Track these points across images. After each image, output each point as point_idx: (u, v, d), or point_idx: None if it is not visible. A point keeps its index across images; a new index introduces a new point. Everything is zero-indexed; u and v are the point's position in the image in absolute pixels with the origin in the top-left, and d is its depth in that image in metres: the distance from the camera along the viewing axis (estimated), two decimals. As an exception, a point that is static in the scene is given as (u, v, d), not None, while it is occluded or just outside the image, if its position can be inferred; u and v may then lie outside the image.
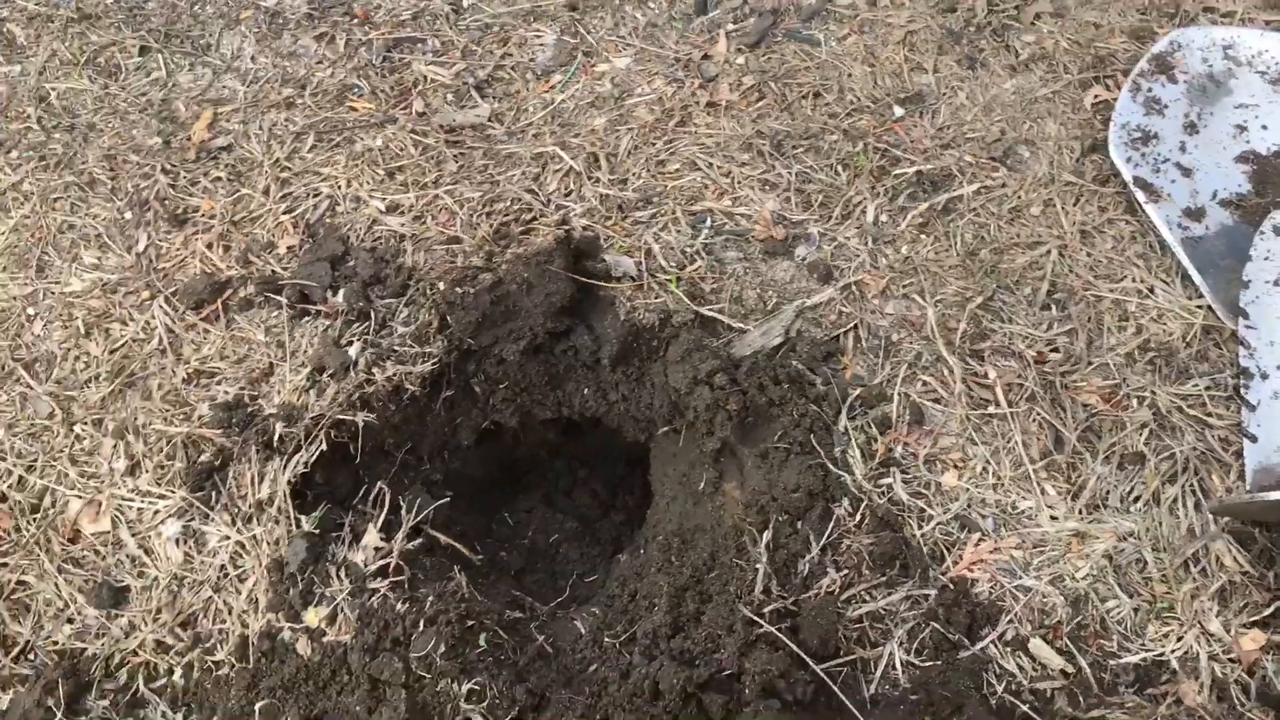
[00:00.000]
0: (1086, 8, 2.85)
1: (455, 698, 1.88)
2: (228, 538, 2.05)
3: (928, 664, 1.93)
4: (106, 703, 1.94)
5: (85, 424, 2.20)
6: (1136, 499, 2.09)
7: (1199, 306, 2.28)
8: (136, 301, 2.35)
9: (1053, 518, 2.07)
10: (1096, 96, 2.64)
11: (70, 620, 2.02)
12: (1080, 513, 2.07)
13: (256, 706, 1.90)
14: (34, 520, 2.10)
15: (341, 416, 2.13)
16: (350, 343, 2.22)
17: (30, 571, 2.06)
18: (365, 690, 1.88)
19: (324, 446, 2.10)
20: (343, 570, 2.02)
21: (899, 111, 2.63)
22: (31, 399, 2.24)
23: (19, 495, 2.13)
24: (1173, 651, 1.94)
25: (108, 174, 2.58)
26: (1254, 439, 2.11)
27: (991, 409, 2.18)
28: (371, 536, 2.06)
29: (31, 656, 1.99)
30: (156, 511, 2.09)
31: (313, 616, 1.98)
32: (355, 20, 2.90)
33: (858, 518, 2.04)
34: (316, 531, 2.05)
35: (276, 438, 2.09)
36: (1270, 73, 2.59)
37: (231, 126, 2.66)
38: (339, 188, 2.50)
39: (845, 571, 1.99)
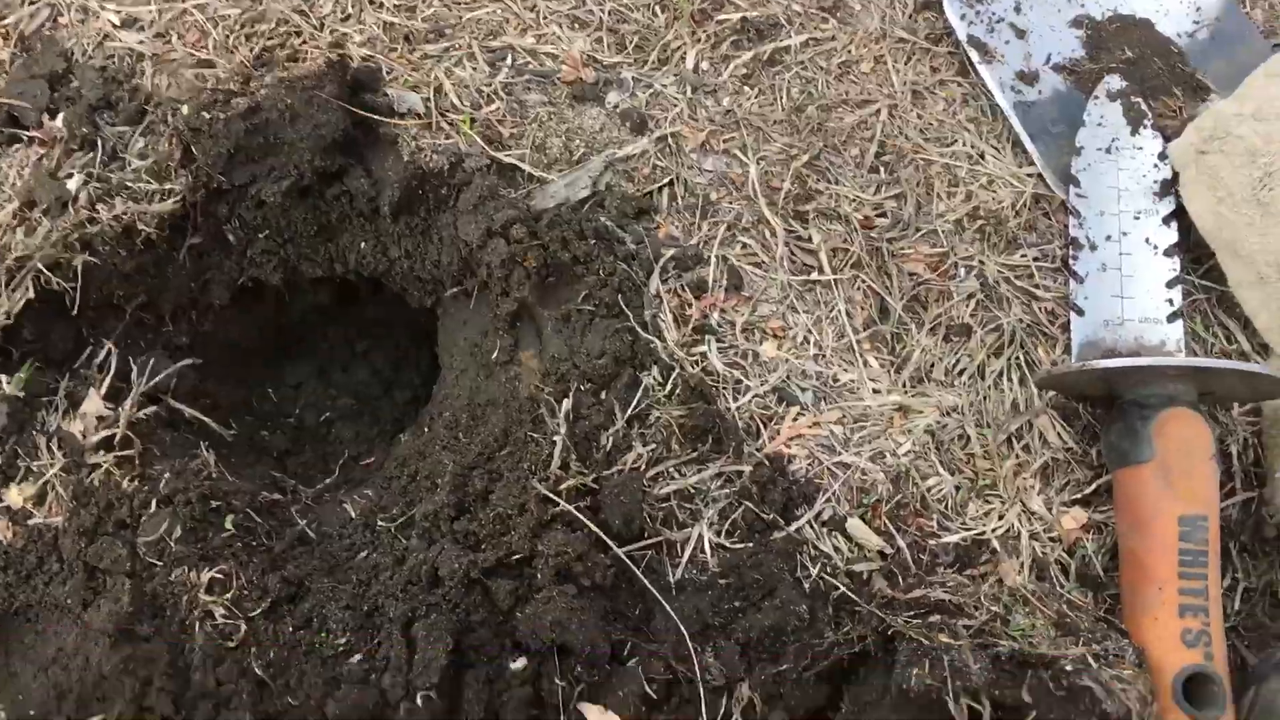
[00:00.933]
0: None
1: (194, 587, 1.59)
2: (-94, 401, 1.67)
3: (739, 546, 1.75)
4: None
5: None
6: (961, 372, 1.96)
7: (1029, 174, 2.15)
8: None
9: (875, 391, 1.91)
10: (931, -48, 2.47)
11: None
12: (904, 386, 1.92)
13: (-58, 601, 1.56)
14: None
15: (57, 258, 1.75)
16: (70, 175, 1.83)
17: None
18: (80, 580, 1.57)
19: (31, 293, 1.73)
20: (55, 441, 1.68)
21: (723, -46, 2.38)
22: None
23: None
24: (994, 530, 1.83)
25: None
26: (1081, 312, 2.01)
27: (815, 275, 2.00)
28: (93, 403, 1.72)
29: None
30: None
31: (16, 495, 1.64)
32: None
33: (668, 388, 1.83)
34: (21, 395, 1.69)
35: (-28, 282, 1.71)
36: (1105, -61, 2.47)
37: (-73, -85, 2.17)
38: (63, -5, 2.07)
39: (653, 446, 1.78)
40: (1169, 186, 2.07)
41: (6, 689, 1.54)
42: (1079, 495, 1.89)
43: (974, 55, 2.24)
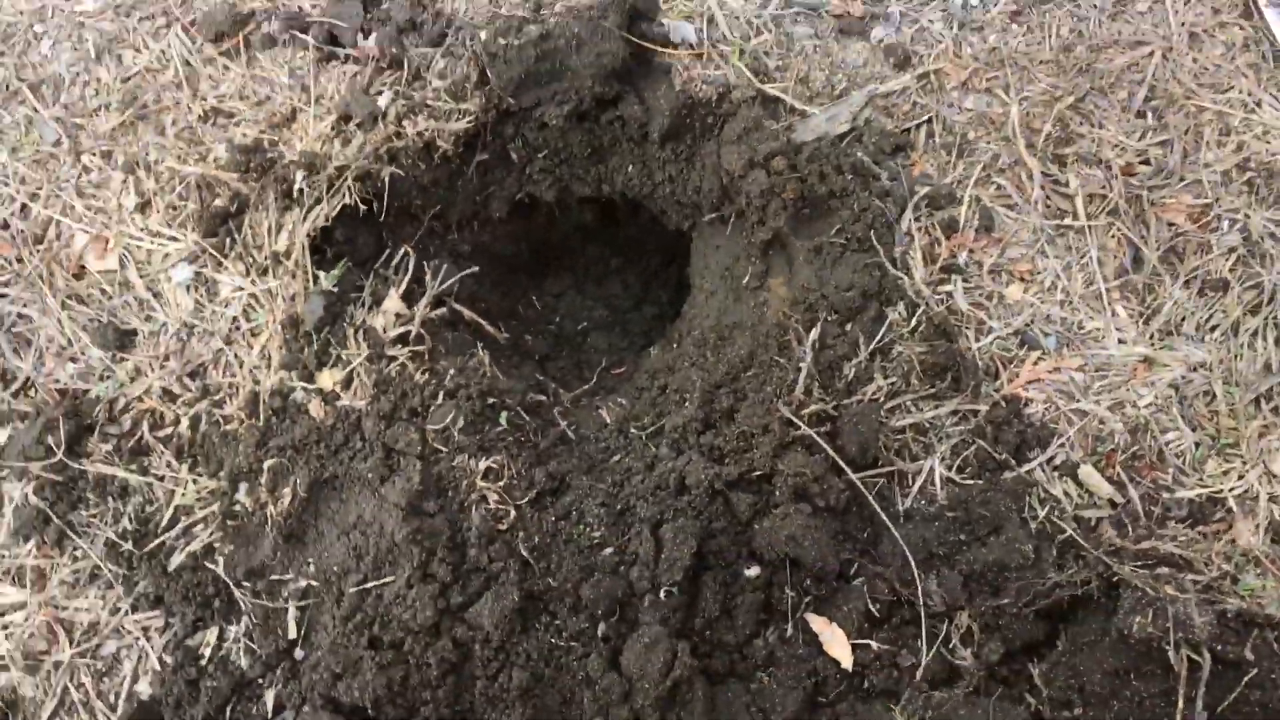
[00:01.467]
0: None
1: (472, 474, 1.79)
2: (241, 289, 1.93)
3: (969, 482, 1.83)
4: (109, 447, 1.86)
5: (94, 155, 2.05)
6: (1214, 328, 1.94)
7: (1310, 127, 2.07)
8: (151, 28, 2.16)
9: (1121, 341, 1.92)
10: (1224, -118, 2.35)
11: (73, 359, 1.93)
12: (1151, 338, 1.92)
13: (265, 464, 1.82)
14: (37, 252, 1.98)
15: (368, 169, 1.97)
16: (380, 92, 2.04)
17: (33, 305, 1.95)
18: (379, 458, 1.80)
19: (346, 200, 1.95)
20: (361, 334, 1.91)
21: (1000, -117, 2.34)
22: (37, 123, 2.08)
23: (22, 224, 2.00)
24: (1231, 489, 1.83)
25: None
26: (1352, 273, 1.94)
27: (1069, 220, 2.00)
28: (393, 302, 1.94)
29: (32, 393, 1.90)
30: (167, 254, 1.97)
31: (327, 378, 1.88)
32: None
33: (912, 324, 1.90)
34: (334, 290, 1.93)
35: (297, 187, 1.93)
36: None
37: None
38: (376, -80, 2.26)
39: (893, 379, 1.87)
40: None
41: (315, 546, 1.79)
42: (1327, 462, 1.86)
43: (1262, -2, 2.14)
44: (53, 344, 1.92)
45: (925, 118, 2.08)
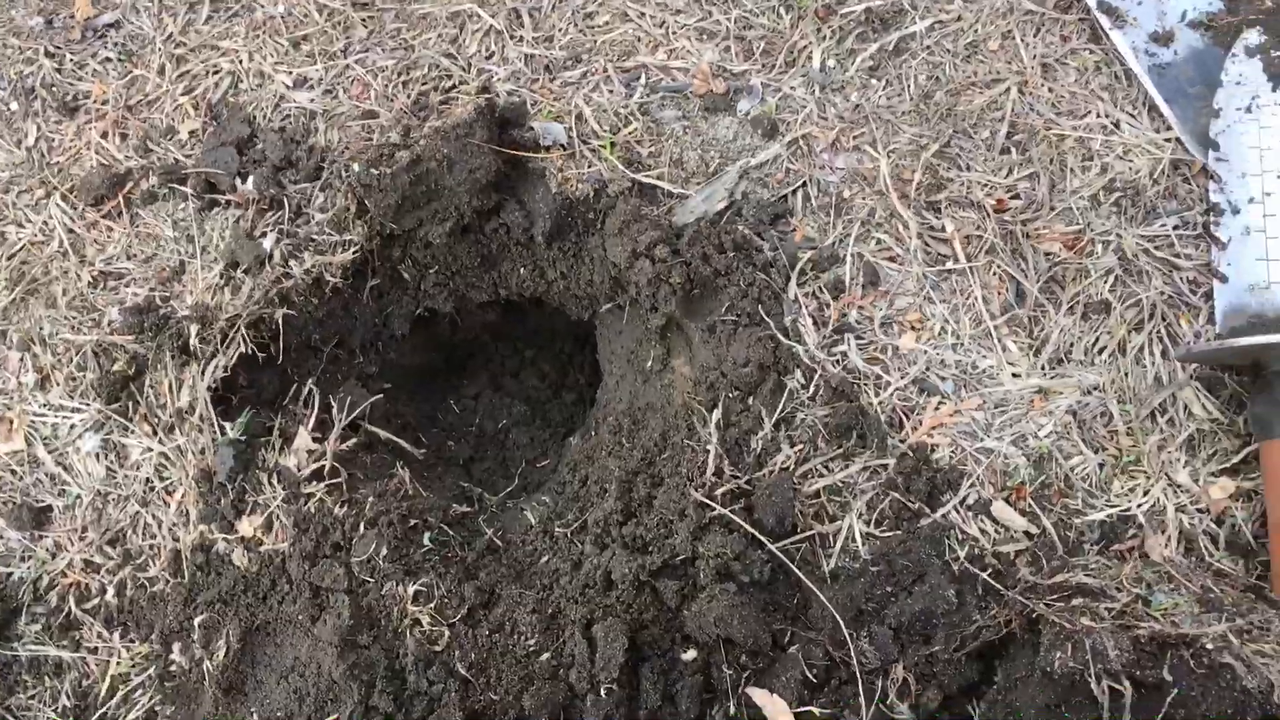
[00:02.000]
0: None
1: (402, 600, 1.81)
2: (150, 449, 1.95)
3: (888, 534, 1.87)
4: (39, 627, 1.87)
5: (-12, 338, 2.06)
6: (1101, 350, 2.00)
7: (1167, 140, 2.14)
8: (31, 200, 2.18)
9: (1015, 375, 1.98)
10: (1056, -86, 2.44)
11: (-8, 546, 1.93)
12: (1043, 368, 1.98)
13: (195, 621, 1.84)
14: (-58, 444, 1.99)
15: (261, 314, 1.99)
16: (264, 234, 2.07)
17: (-56, 497, 1.96)
18: (307, 599, 1.81)
19: (243, 347, 1.98)
20: (275, 476, 1.93)
21: (844, -57, 2.42)
22: (-73, 314, 2.10)
23: (-78, 417, 2.01)
24: (1139, 505, 1.88)
25: (-12, 61, 2.38)
26: (1224, 278, 2.02)
27: (950, 264, 2.06)
28: (303, 439, 1.96)
29: (-46, 586, 1.91)
30: (72, 426, 1.98)
31: (247, 526, 1.90)
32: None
33: (811, 389, 1.95)
34: (243, 438, 1.94)
35: (192, 341, 1.96)
36: (1243, -122, 2.39)
37: (118, 0, 2.43)
38: (240, 62, 2.29)
39: (800, 446, 1.91)
40: (1314, 144, 2.04)
41: (255, 694, 1.80)
42: (1226, 465, 1.92)
43: (1105, 21, 2.23)
44: (-33, 534, 1.93)
45: (800, 183, 2.14)
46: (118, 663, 1.84)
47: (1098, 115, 2.19)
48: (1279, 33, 2.16)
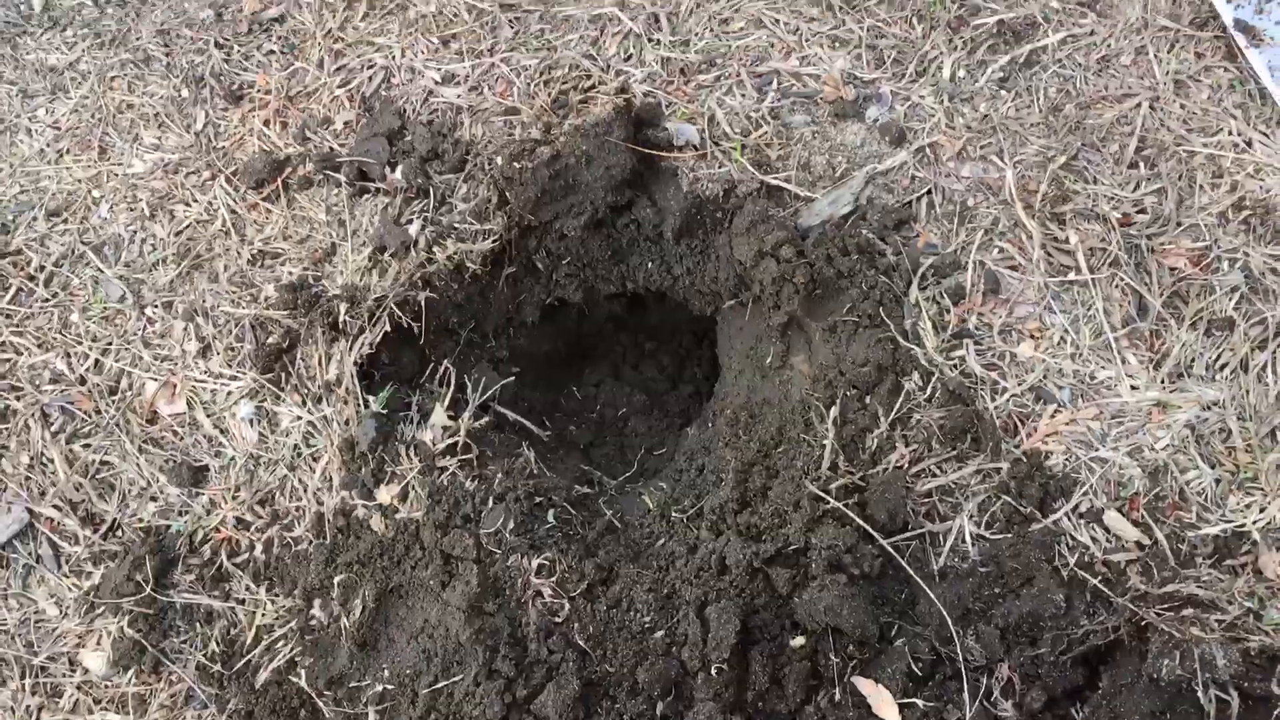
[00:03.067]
0: None
1: (526, 572, 1.91)
2: (299, 418, 2.08)
3: (998, 537, 1.91)
4: (193, 577, 2.01)
5: (156, 307, 2.23)
6: (1223, 366, 2.01)
7: (1300, 160, 2.14)
8: (198, 182, 2.35)
9: (1133, 387, 2.00)
10: (1196, -69, 2.44)
11: (154, 499, 2.09)
12: (1162, 382, 2.00)
13: (335, 580, 1.96)
14: (113, 402, 2.15)
15: (405, 295, 2.12)
16: (410, 221, 2.19)
17: (113, 452, 2.12)
18: (438, 565, 1.92)
19: (388, 327, 2.10)
20: (412, 449, 2.05)
21: (979, -45, 2.46)
22: (103, 282, 2.26)
23: (97, 378, 2.17)
24: (1254, 522, 1.88)
25: (162, 50, 2.55)
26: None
27: (1072, 275, 2.09)
28: (439, 415, 2.07)
29: (119, 533, 2.07)
30: (229, 393, 2.13)
31: (385, 494, 2.02)
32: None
33: (928, 391, 2.00)
34: (384, 411, 2.07)
35: (341, 319, 2.09)
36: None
37: (283, -4, 2.60)
38: (393, 58, 2.43)
39: (914, 446, 1.96)
40: None
41: (388, 652, 1.92)
42: (1348, 488, 1.91)
43: (1241, 39, 2.23)
44: (134, 486, 2.09)
45: (925, 190, 2.19)
46: (263, 615, 1.98)
47: (1230, 133, 2.19)
48: None
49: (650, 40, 2.39)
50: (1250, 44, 2.22)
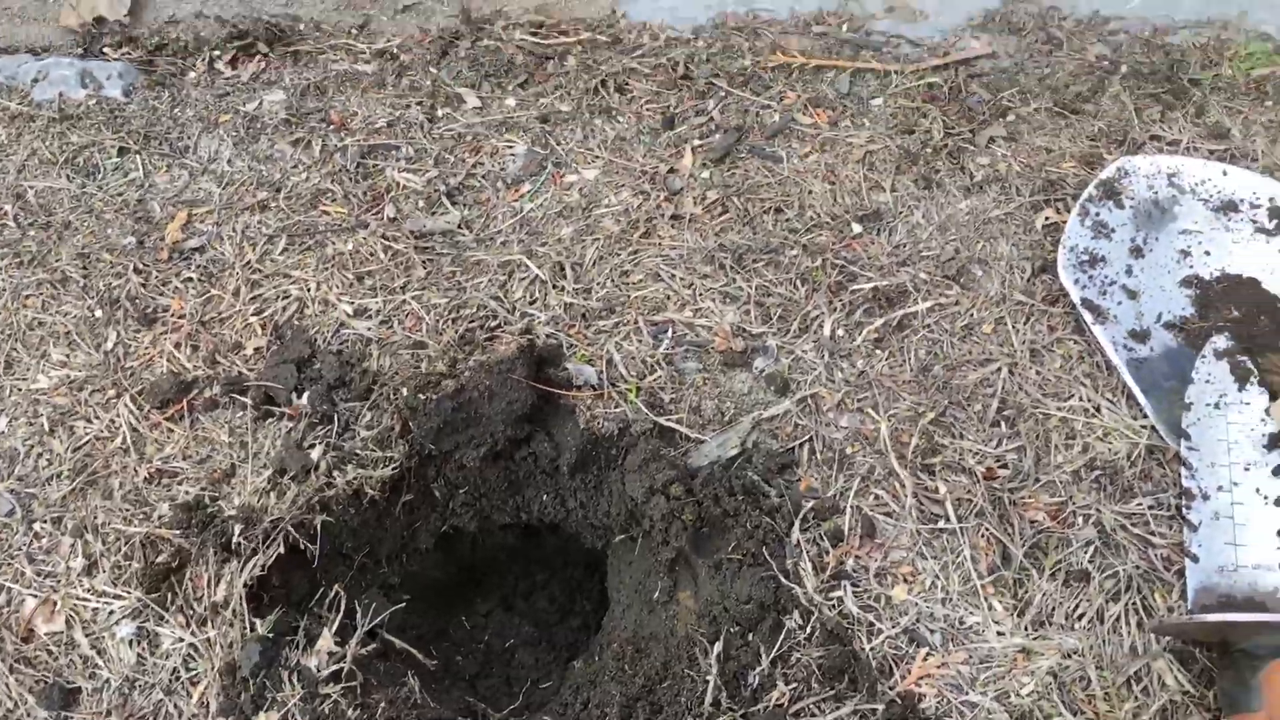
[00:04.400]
0: (1039, 133, 2.97)
1: (405, 808, 1.88)
2: (181, 640, 2.06)
3: (875, 780, 1.95)
4: (50, 807, 1.93)
5: (44, 522, 2.21)
6: (1081, 616, 2.13)
7: (1143, 426, 2.34)
8: (102, 399, 2.38)
9: (999, 633, 2.10)
10: (1047, 219, 2.74)
11: (18, 722, 2.02)
12: (1026, 629, 2.10)
13: (202, 813, 1.90)
14: (-12, 619, 2.10)
15: (301, 519, 2.15)
16: (313, 445, 2.25)
17: (-19, 671, 2.05)
18: (314, 800, 1.88)
19: (282, 549, 2.12)
20: (295, 675, 2.02)
21: (857, 229, 2.72)
22: (-8, 496, 2.25)
23: (-26, 593, 2.13)
24: (1116, 771, 1.96)
25: (80, 272, 2.63)
26: (1195, 559, 2.16)
27: (942, 524, 2.22)
28: (325, 641, 2.07)
29: (-24, 759, 1.98)
30: (111, 612, 2.10)
31: (263, 722, 1.98)
32: (331, 127, 2.99)
33: (808, 630, 2.07)
34: (270, 635, 2.06)
35: (235, 539, 2.10)
36: (1212, 200, 2.70)
37: (205, 228, 2.72)
38: (308, 290, 2.55)
39: (795, 684, 2.01)
40: (1277, 440, 2.23)
41: None
42: (1199, 738, 2.01)
43: (1088, 316, 2.47)
44: (0, 708, 2.01)
45: (807, 437, 2.33)
46: None
47: (1080, 399, 2.40)
48: (1244, 339, 2.40)
49: (555, 286, 2.56)
50: (1096, 321, 2.46)
